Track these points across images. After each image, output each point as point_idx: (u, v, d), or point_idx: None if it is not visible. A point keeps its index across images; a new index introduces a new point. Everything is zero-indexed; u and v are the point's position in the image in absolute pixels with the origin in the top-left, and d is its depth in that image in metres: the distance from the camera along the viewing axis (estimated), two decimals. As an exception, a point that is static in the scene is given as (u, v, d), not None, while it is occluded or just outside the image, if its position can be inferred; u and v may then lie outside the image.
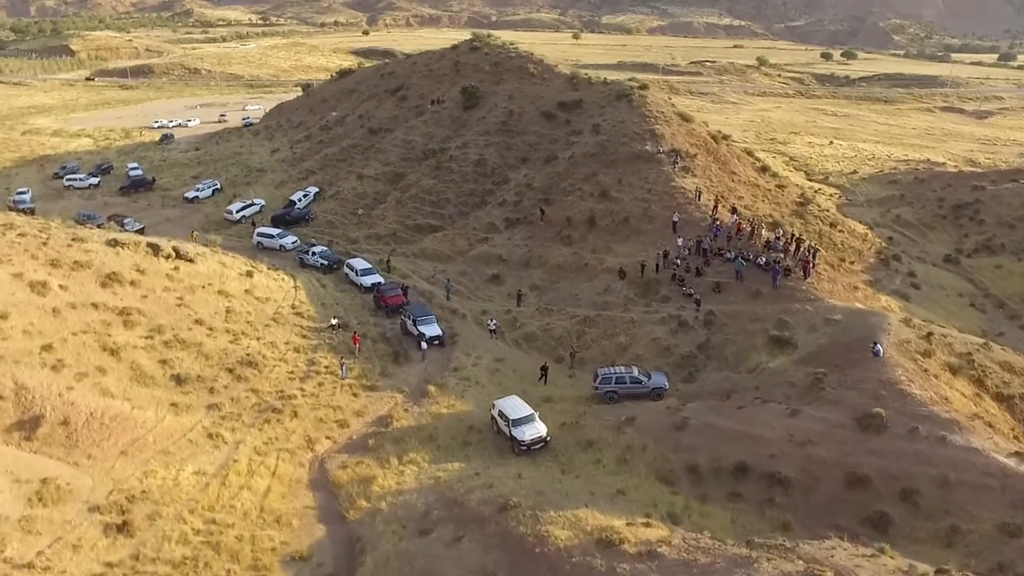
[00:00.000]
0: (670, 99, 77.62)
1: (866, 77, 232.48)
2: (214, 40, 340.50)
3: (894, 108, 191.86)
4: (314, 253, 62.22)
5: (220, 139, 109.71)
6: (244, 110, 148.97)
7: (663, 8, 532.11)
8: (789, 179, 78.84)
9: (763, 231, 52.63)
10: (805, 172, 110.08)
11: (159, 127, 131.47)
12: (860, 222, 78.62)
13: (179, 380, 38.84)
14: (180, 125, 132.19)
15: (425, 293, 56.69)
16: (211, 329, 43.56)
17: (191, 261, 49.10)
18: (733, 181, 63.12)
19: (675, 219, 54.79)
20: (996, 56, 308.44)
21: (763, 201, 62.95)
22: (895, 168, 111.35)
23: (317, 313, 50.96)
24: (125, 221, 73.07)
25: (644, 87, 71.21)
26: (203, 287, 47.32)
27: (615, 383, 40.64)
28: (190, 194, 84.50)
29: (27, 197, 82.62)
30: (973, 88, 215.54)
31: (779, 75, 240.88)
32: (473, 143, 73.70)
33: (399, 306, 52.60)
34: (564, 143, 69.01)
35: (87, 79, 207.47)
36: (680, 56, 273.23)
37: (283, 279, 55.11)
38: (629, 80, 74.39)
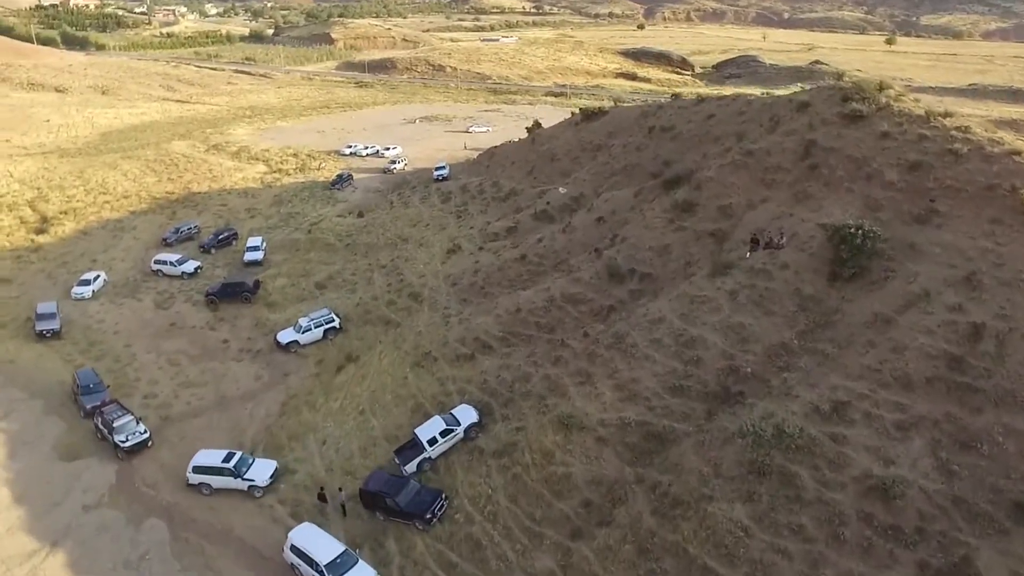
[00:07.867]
0: None
1: None
2: (483, 28, 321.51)
3: None
4: None
5: (396, 200, 73.82)
6: (468, 132, 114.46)
7: (1006, 6, 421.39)
8: None
9: None
10: None
11: (350, 153, 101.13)
12: None
13: None
14: (376, 154, 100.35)
15: None
16: None
17: None
18: None
19: None
20: None
21: None
22: None
23: None
24: (118, 423, 38.10)
25: None
26: None
27: None
28: (286, 336, 48.49)
29: (53, 307, 52.12)
30: None
31: None
32: (859, 405, 27.39)
33: None
34: None
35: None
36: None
37: None
38: None
